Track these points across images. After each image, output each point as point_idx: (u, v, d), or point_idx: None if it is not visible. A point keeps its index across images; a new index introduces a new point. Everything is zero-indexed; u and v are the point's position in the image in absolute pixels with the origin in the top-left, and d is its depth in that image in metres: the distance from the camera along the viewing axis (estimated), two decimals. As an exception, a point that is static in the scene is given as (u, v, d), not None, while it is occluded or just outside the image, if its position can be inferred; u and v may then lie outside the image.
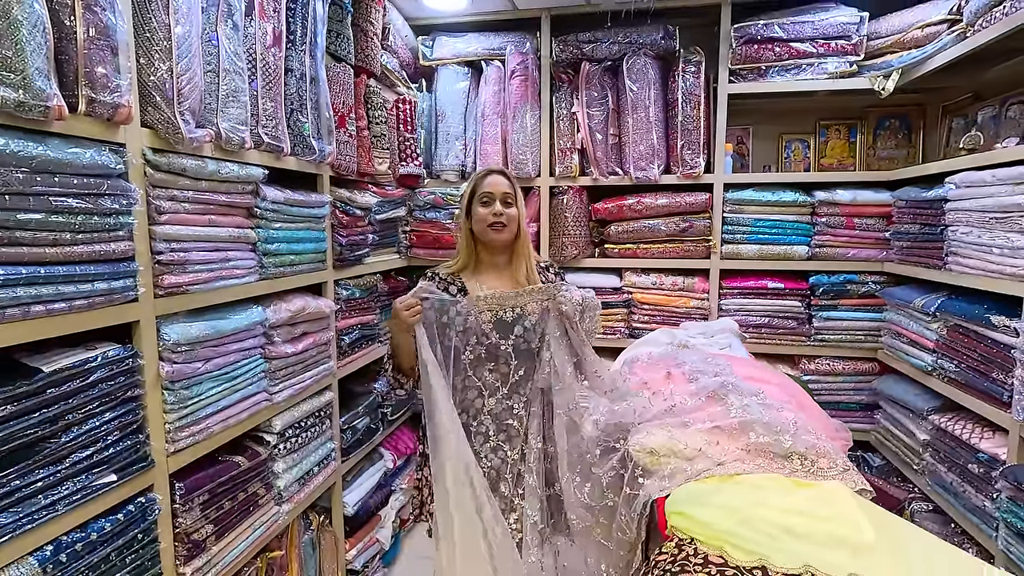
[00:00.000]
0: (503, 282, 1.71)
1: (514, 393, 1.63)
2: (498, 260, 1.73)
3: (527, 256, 1.71)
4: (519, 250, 1.71)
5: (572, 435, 1.60)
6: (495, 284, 1.71)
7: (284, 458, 1.84)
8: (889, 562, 0.97)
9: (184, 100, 1.34)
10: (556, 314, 1.60)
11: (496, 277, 1.72)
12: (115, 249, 1.20)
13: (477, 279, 1.72)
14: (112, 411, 1.21)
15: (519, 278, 1.70)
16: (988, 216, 1.76)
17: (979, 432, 1.82)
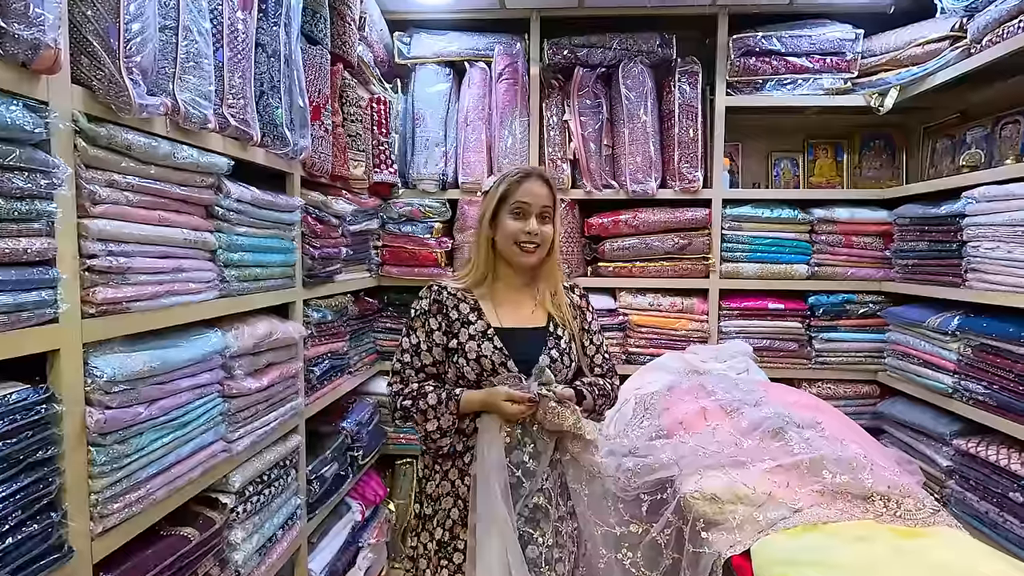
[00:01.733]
0: (525, 304, 1.43)
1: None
2: (519, 279, 1.45)
3: (555, 279, 1.43)
4: (546, 272, 1.43)
5: (592, 503, 1.35)
6: (515, 306, 1.43)
7: (243, 524, 1.46)
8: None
9: (134, 54, 1.00)
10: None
11: (515, 298, 1.44)
12: (27, 248, 0.84)
13: (492, 298, 1.43)
14: (13, 481, 0.83)
15: (544, 299, 1.43)
16: (1020, 230, 1.70)
17: (1018, 457, 1.72)
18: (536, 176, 1.38)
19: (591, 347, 1.45)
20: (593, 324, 1.46)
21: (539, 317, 1.40)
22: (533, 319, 1.40)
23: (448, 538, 1.36)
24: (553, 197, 1.39)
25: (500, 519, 1.25)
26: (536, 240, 1.36)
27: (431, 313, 1.40)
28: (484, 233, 1.42)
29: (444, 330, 1.38)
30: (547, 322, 1.39)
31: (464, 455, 1.35)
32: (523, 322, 1.39)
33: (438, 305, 1.40)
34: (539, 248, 1.37)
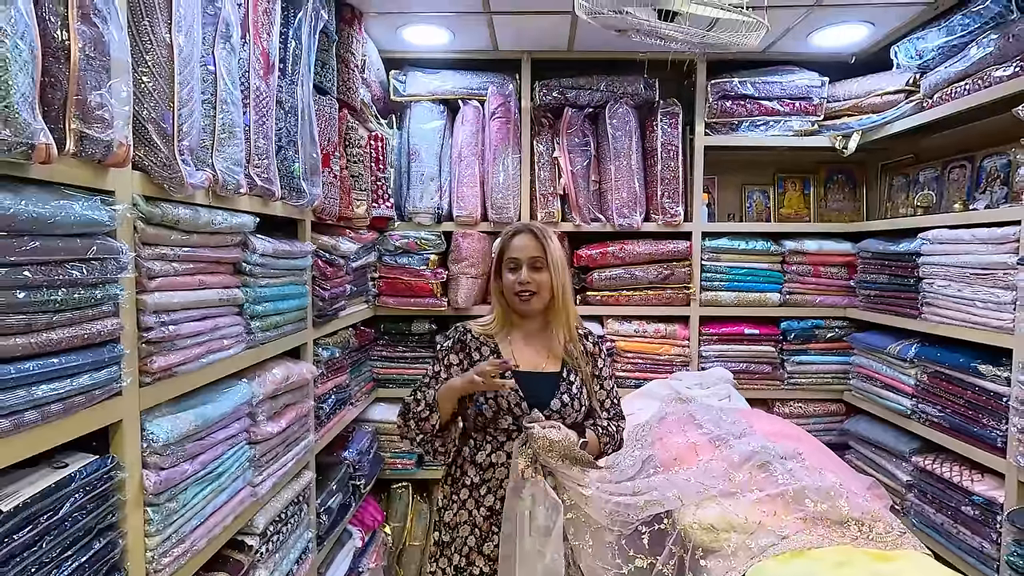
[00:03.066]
0: (540, 350, 1.55)
1: None
2: (533, 326, 1.57)
3: (566, 323, 1.53)
4: (556, 316, 1.53)
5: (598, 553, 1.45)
6: (531, 351, 1.54)
7: (265, 563, 1.52)
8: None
9: (184, 136, 1.07)
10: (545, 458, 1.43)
11: (531, 344, 1.55)
12: (100, 330, 0.91)
13: (510, 342, 1.55)
14: (87, 550, 0.90)
15: (555, 345, 1.54)
16: (967, 271, 1.90)
17: (968, 474, 1.92)
18: (525, 232, 1.51)
19: (601, 392, 1.57)
20: (604, 370, 1.58)
21: (553, 362, 1.51)
22: (548, 364, 1.51)
23: (465, 564, 1.46)
24: (543, 247, 1.49)
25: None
26: (530, 288, 1.47)
27: (453, 350, 1.53)
28: (495, 288, 1.54)
29: (465, 367, 1.49)
30: (561, 367, 1.51)
31: (480, 487, 1.45)
32: (538, 366, 1.50)
33: (461, 344, 1.53)
34: (536, 296, 1.48)
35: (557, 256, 1.50)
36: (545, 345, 1.54)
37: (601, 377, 1.56)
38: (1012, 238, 1.73)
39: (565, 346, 1.52)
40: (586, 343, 1.57)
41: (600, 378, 1.56)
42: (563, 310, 1.51)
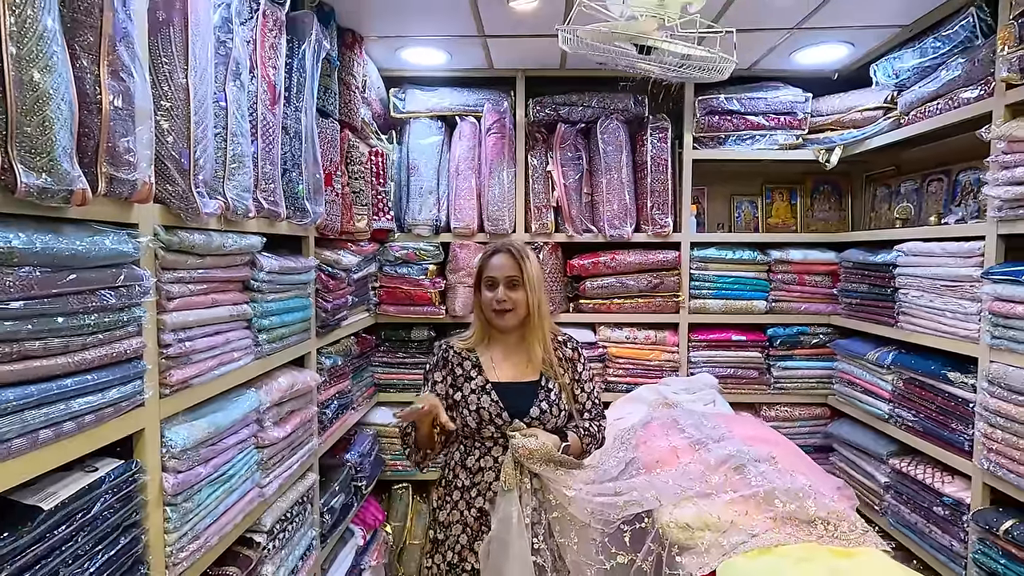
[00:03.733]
0: (520, 361, 1.65)
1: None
2: (512, 338, 1.67)
3: (542, 337, 1.63)
4: (532, 330, 1.63)
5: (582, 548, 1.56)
6: (511, 362, 1.65)
7: (273, 559, 1.63)
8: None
9: (200, 171, 1.18)
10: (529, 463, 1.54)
11: (511, 356, 1.66)
12: (125, 349, 1.02)
13: (491, 354, 1.65)
14: (114, 545, 1.01)
15: (533, 358, 1.64)
16: (938, 283, 1.99)
17: (940, 476, 2.02)
18: (503, 251, 1.61)
19: (582, 395, 1.67)
20: (584, 374, 1.69)
21: (532, 372, 1.62)
22: (526, 374, 1.62)
23: (457, 560, 1.57)
24: (520, 267, 1.58)
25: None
26: (506, 306, 1.58)
27: (437, 367, 1.64)
28: (475, 303, 1.65)
29: (449, 383, 1.60)
30: (539, 376, 1.61)
31: (471, 489, 1.56)
32: (517, 377, 1.61)
33: (444, 361, 1.63)
34: (512, 312, 1.59)
35: (534, 274, 1.60)
36: (524, 356, 1.64)
37: (581, 381, 1.67)
38: (977, 252, 1.83)
39: (543, 356, 1.62)
40: (564, 349, 1.67)
41: (580, 382, 1.66)
42: (539, 326, 1.61)
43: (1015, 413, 1.64)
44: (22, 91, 0.78)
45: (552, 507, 1.54)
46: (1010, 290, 1.66)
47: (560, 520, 1.54)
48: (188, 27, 1.14)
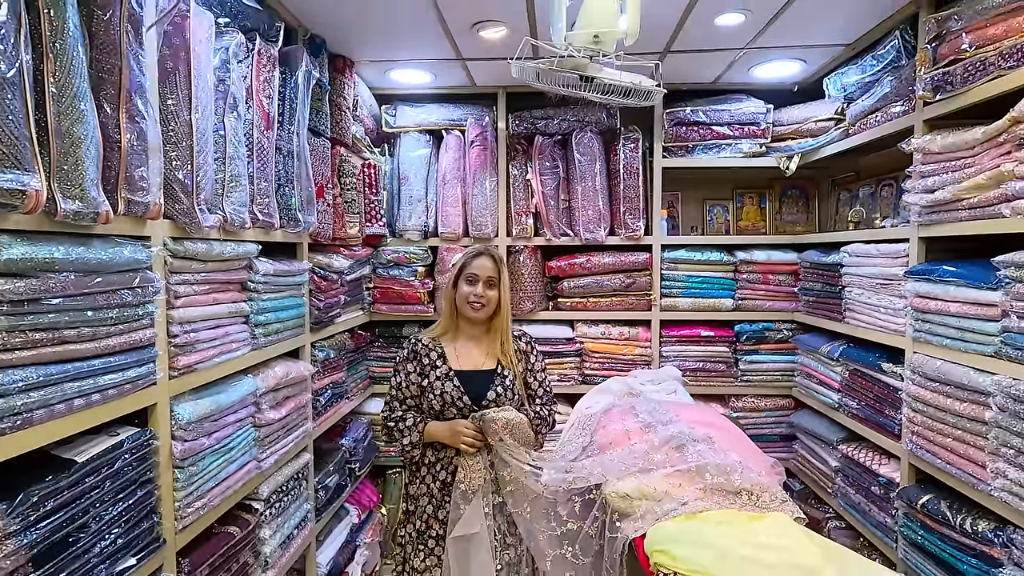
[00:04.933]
0: (480, 351, 1.88)
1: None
2: (476, 331, 1.90)
3: (504, 331, 1.88)
4: (497, 325, 1.88)
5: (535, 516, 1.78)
6: (472, 353, 1.88)
7: (270, 524, 1.87)
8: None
9: (201, 191, 1.43)
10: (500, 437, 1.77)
11: (474, 346, 1.89)
12: (141, 337, 1.26)
13: (456, 345, 1.88)
14: (132, 495, 1.25)
15: (494, 348, 1.87)
16: (875, 282, 2.17)
17: (878, 459, 2.19)
18: (486, 255, 1.85)
19: (534, 383, 1.89)
20: (536, 364, 1.91)
21: (490, 362, 1.85)
22: (485, 363, 1.84)
23: (424, 527, 1.80)
24: (498, 270, 1.84)
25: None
26: (482, 301, 1.81)
27: (409, 360, 1.86)
28: (449, 296, 1.88)
29: (418, 372, 1.83)
30: (496, 365, 1.84)
31: (435, 464, 1.79)
32: (477, 366, 1.84)
33: (414, 354, 1.86)
34: (485, 307, 1.83)
35: (506, 278, 1.87)
36: (484, 348, 1.87)
37: (534, 371, 1.89)
38: (903, 253, 2.01)
39: (502, 346, 1.85)
40: (519, 343, 1.90)
41: (533, 371, 1.89)
42: (504, 320, 1.85)
43: (930, 399, 1.82)
44: (61, 139, 1.02)
45: (507, 482, 1.76)
46: (927, 287, 1.84)
47: (514, 494, 1.76)
48: (191, 74, 1.38)
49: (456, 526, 1.73)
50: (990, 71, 1.60)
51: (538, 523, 1.76)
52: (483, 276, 1.82)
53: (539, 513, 1.78)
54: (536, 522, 1.77)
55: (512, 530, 1.78)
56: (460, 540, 1.73)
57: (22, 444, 0.99)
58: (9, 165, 0.90)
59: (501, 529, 1.79)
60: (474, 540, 1.72)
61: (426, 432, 1.77)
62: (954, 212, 1.75)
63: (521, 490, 1.77)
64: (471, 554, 1.72)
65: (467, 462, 1.74)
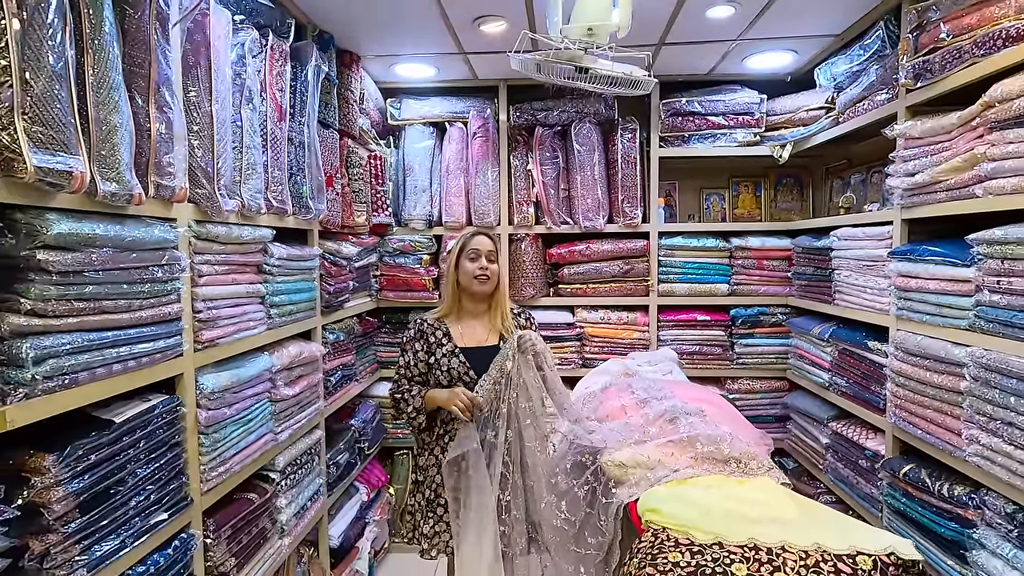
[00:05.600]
0: (483, 329, 1.98)
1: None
2: (478, 308, 2.00)
3: (504, 306, 1.99)
4: (497, 300, 1.99)
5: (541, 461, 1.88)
6: (476, 330, 1.98)
7: (285, 493, 1.98)
8: (811, 532, 1.32)
9: (221, 177, 1.53)
10: (531, 355, 1.86)
11: (477, 324, 1.99)
12: (169, 311, 1.37)
13: (459, 324, 1.99)
14: (163, 456, 1.36)
15: (496, 324, 1.98)
16: (862, 264, 2.26)
17: (865, 434, 2.28)
18: (483, 234, 1.97)
19: None
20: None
21: (493, 337, 1.95)
22: (488, 339, 1.95)
23: (433, 496, 1.90)
24: (495, 247, 1.97)
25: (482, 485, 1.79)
26: (487, 273, 1.92)
27: (416, 339, 1.96)
28: (451, 276, 1.98)
29: (425, 350, 1.94)
30: (499, 341, 1.94)
31: (444, 436, 1.90)
32: (480, 342, 1.94)
33: (421, 333, 1.96)
34: (490, 280, 1.93)
35: (502, 255, 1.96)
36: (486, 325, 1.97)
37: None
38: (887, 235, 2.09)
39: (503, 324, 1.95)
40: (519, 319, 2.01)
41: None
42: (503, 295, 1.96)
43: (912, 373, 1.91)
44: (99, 127, 1.12)
45: (524, 416, 1.85)
46: (908, 267, 1.93)
47: (529, 428, 1.86)
48: (211, 68, 1.48)
49: (450, 447, 1.81)
50: (965, 59, 1.68)
51: (544, 466, 1.87)
52: (484, 251, 1.93)
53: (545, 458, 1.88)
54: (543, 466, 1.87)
55: (516, 468, 1.87)
56: (455, 462, 1.81)
57: (69, 402, 1.10)
58: (58, 149, 1.01)
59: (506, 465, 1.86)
60: (470, 457, 1.80)
61: (427, 398, 1.88)
62: (933, 194, 1.83)
63: (535, 425, 1.87)
64: (470, 475, 1.78)
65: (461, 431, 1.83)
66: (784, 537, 1.30)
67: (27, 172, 0.95)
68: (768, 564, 1.24)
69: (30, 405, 1.01)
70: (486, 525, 1.78)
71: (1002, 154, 1.52)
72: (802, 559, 1.24)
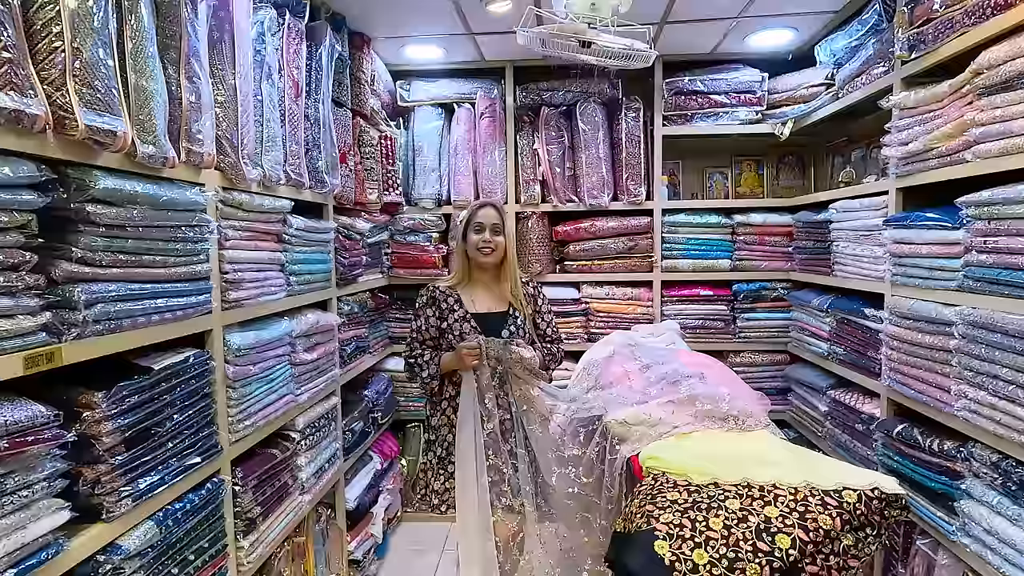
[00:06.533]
0: (492, 296, 2.07)
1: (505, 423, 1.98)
2: (487, 277, 2.09)
3: (513, 275, 2.07)
4: (506, 270, 2.07)
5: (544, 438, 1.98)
6: (485, 298, 2.07)
7: (305, 453, 2.09)
8: (801, 471, 1.41)
9: (245, 147, 1.63)
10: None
11: (486, 292, 2.08)
12: (200, 270, 1.46)
13: (470, 292, 2.08)
14: (196, 405, 1.46)
15: (505, 293, 2.07)
16: (859, 234, 2.32)
17: (862, 400, 2.36)
18: (488, 206, 2.04)
19: (542, 323, 2.09)
20: (543, 307, 2.10)
21: (502, 304, 2.04)
22: (498, 306, 2.04)
23: (445, 455, 2.00)
24: (501, 217, 2.03)
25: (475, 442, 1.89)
26: (491, 245, 2.00)
27: (428, 305, 2.05)
28: (460, 248, 2.07)
29: (437, 316, 2.03)
30: (508, 307, 2.03)
31: (455, 398, 1.99)
32: (491, 308, 2.03)
33: (433, 299, 2.05)
34: (495, 251, 2.01)
35: (509, 226, 2.04)
36: (496, 293, 2.06)
37: (541, 312, 2.08)
38: (882, 205, 2.16)
39: (511, 291, 2.04)
40: (527, 288, 2.10)
41: (540, 313, 2.08)
42: (511, 265, 2.04)
43: (905, 336, 1.98)
44: (138, 93, 1.22)
45: (521, 401, 1.96)
46: (902, 233, 2.00)
47: (527, 413, 1.96)
48: (235, 43, 1.57)
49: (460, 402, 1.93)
50: (957, 28, 1.73)
51: (548, 442, 1.97)
52: (488, 223, 2.01)
53: (548, 435, 1.98)
54: (547, 442, 1.97)
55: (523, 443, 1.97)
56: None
57: (114, 345, 1.20)
58: (104, 110, 1.10)
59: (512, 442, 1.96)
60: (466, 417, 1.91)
61: (442, 364, 1.97)
62: (926, 161, 1.90)
63: (533, 410, 1.97)
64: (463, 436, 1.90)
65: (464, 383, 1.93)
66: (776, 476, 1.39)
67: (78, 130, 1.04)
68: (760, 500, 1.33)
69: (81, 345, 1.11)
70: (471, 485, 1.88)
71: (989, 119, 1.59)
72: (792, 495, 1.32)
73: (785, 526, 1.24)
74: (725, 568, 1.18)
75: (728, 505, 1.31)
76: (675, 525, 1.27)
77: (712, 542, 1.22)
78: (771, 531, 1.23)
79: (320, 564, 2.26)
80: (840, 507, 1.27)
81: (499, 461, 1.94)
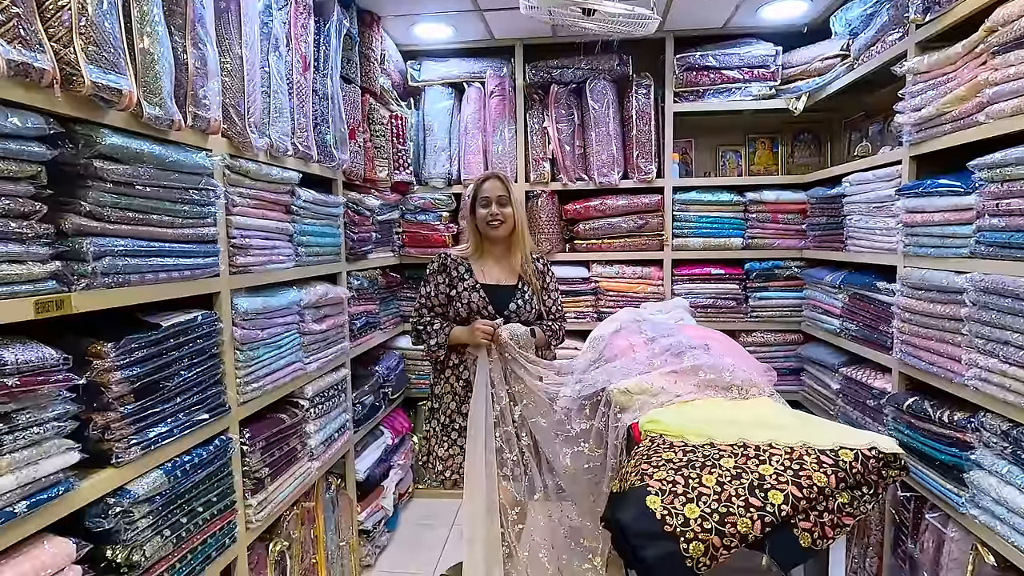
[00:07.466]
0: (502, 269, 2.09)
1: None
2: (498, 249, 2.11)
3: (523, 247, 2.08)
4: (516, 241, 2.08)
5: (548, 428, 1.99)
6: (496, 270, 2.09)
7: (314, 421, 2.14)
8: (798, 432, 1.40)
9: (251, 116, 1.66)
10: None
11: (496, 264, 2.10)
12: (207, 233, 1.51)
13: (481, 264, 2.10)
14: (204, 363, 1.51)
15: (514, 265, 2.08)
16: (872, 206, 2.28)
17: (873, 375, 2.32)
18: (493, 177, 2.05)
19: (548, 300, 2.10)
20: (551, 284, 2.12)
21: (512, 277, 2.06)
22: (508, 278, 2.06)
23: (448, 422, 2.03)
24: (507, 188, 2.03)
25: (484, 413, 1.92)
26: (499, 218, 2.01)
27: (438, 272, 2.08)
28: (470, 222, 2.09)
29: (447, 283, 2.05)
30: (517, 281, 2.05)
31: (459, 366, 2.02)
32: (501, 280, 2.05)
33: (443, 267, 2.08)
34: (503, 224, 2.02)
35: (517, 196, 2.05)
36: (506, 265, 2.08)
37: (548, 289, 2.09)
38: (896, 175, 2.11)
39: (522, 266, 2.05)
40: (537, 264, 2.11)
41: (547, 289, 2.09)
42: (521, 237, 2.05)
43: (917, 307, 1.94)
44: (144, 56, 1.26)
45: (522, 395, 1.98)
46: (915, 202, 1.95)
47: (528, 406, 1.98)
48: (241, 11, 1.61)
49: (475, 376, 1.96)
50: (971, -13, 1.68)
51: (553, 428, 1.98)
52: (494, 196, 2.02)
53: (552, 421, 2.00)
54: (551, 428, 1.98)
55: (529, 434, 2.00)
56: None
57: (122, 298, 1.24)
58: (109, 68, 1.14)
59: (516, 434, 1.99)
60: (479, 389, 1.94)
61: (451, 336, 2.00)
62: (939, 127, 1.85)
63: (534, 402, 1.98)
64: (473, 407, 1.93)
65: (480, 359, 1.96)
66: (771, 436, 1.38)
67: (84, 86, 1.08)
68: (755, 459, 1.32)
69: (90, 295, 1.16)
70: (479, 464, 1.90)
71: (1003, 77, 1.54)
72: (787, 454, 1.32)
73: (779, 483, 1.23)
74: (716, 523, 1.18)
75: (723, 463, 1.31)
76: (668, 481, 1.28)
77: (704, 497, 1.23)
78: (764, 487, 1.23)
79: (330, 530, 2.32)
80: (836, 465, 1.26)
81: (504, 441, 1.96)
